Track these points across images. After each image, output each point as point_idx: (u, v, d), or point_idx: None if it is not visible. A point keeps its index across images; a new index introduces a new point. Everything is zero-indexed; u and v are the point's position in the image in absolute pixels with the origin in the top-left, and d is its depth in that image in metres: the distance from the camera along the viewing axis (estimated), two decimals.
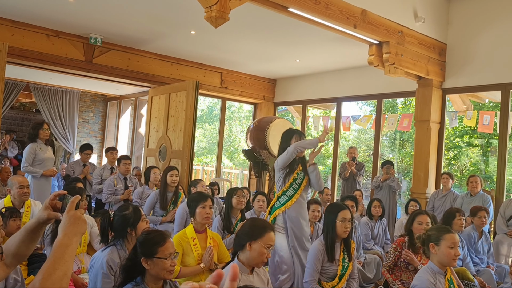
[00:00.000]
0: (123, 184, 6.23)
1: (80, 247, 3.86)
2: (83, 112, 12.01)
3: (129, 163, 6.31)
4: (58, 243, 1.31)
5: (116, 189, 6.13)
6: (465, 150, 13.90)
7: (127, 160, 6.31)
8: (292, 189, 4.07)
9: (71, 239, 1.34)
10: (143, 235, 2.37)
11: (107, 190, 6.08)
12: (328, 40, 6.79)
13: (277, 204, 4.11)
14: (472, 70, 6.64)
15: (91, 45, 7.64)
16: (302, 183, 4.10)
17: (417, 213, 4.19)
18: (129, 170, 6.35)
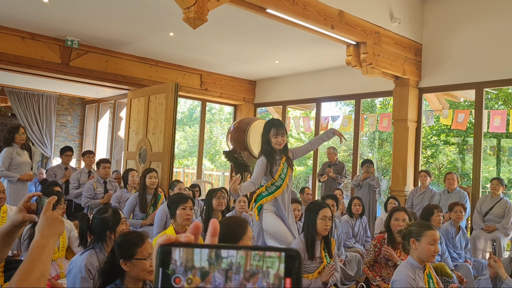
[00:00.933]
0: (103, 187, 6.15)
1: (59, 252, 3.80)
2: (61, 116, 11.83)
3: (108, 166, 6.24)
4: (35, 244, 1.30)
5: (96, 193, 6.04)
6: (442, 148, 14.14)
7: (106, 164, 6.23)
8: (280, 179, 4.07)
9: (48, 240, 1.33)
10: (120, 237, 2.35)
11: (86, 194, 5.99)
12: (307, 41, 6.85)
13: (264, 193, 4.09)
14: (447, 70, 6.77)
15: (67, 47, 7.54)
16: (287, 172, 4.11)
17: (394, 209, 4.26)
18: (109, 173, 6.27)
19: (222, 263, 0.51)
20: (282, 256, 0.51)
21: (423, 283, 2.78)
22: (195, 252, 0.52)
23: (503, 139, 13.24)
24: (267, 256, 0.51)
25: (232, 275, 0.51)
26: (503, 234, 5.86)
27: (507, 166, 13.60)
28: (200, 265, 0.52)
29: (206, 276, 0.51)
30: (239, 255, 0.51)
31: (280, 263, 0.50)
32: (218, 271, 0.51)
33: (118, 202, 5.57)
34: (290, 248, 0.52)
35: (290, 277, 0.50)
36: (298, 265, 0.51)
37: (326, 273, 3.45)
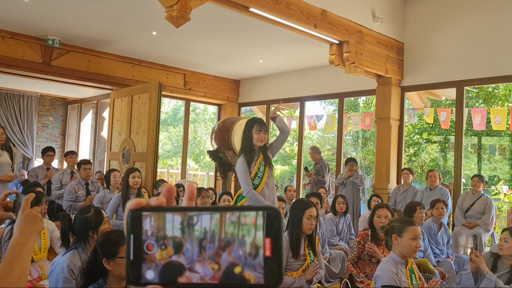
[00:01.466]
0: (85, 189, 6.06)
1: (40, 253, 3.76)
2: (42, 117, 11.68)
3: (89, 167, 6.15)
4: (14, 242, 1.28)
5: (78, 195, 5.94)
6: (424, 147, 14.31)
7: (87, 165, 6.14)
8: (258, 178, 4.05)
9: (27, 238, 1.31)
10: (102, 236, 2.33)
11: (68, 197, 5.88)
12: (290, 40, 6.87)
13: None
14: (429, 68, 6.85)
15: (49, 46, 7.44)
16: (265, 171, 4.07)
17: (377, 206, 4.31)
18: (90, 174, 6.17)
19: (195, 231, 0.49)
20: (258, 223, 0.49)
21: (405, 278, 2.81)
22: (167, 219, 0.49)
23: (483, 137, 13.46)
24: (242, 223, 0.49)
25: (207, 244, 0.49)
26: (484, 230, 5.96)
27: (488, 164, 13.83)
28: (172, 234, 0.49)
29: (179, 247, 0.49)
30: (213, 223, 0.49)
31: (256, 230, 0.48)
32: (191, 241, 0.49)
33: (101, 203, 5.51)
34: (270, 207, 0.50)
35: (270, 237, 0.49)
36: (278, 224, 0.49)
37: (310, 272, 3.47)
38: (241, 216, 0.49)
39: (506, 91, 12.78)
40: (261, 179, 4.05)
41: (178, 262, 0.49)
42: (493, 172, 13.52)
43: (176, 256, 0.49)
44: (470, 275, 3.46)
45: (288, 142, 17.24)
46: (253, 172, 4.03)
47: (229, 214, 0.49)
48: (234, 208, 0.50)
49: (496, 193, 10.87)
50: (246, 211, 0.49)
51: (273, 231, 0.49)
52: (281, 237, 0.49)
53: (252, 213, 0.49)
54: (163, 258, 0.49)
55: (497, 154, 13.96)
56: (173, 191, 0.54)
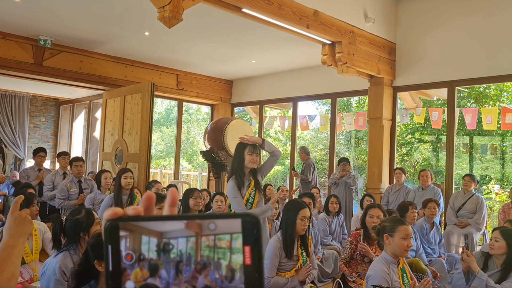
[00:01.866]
0: (77, 187, 6.03)
1: (32, 255, 3.74)
2: (34, 117, 11.61)
3: (81, 164, 6.10)
4: (4, 245, 1.28)
5: (70, 193, 5.92)
6: (417, 146, 14.38)
7: (78, 162, 6.10)
8: (249, 204, 3.97)
9: (17, 240, 1.31)
10: (93, 238, 2.32)
11: (60, 195, 5.87)
12: (282, 40, 6.88)
13: None
14: (420, 69, 6.89)
15: (40, 47, 7.41)
16: (255, 197, 4.02)
17: (369, 206, 4.32)
18: (82, 172, 6.12)
19: (171, 253, 0.49)
20: (232, 246, 0.48)
21: (397, 278, 2.83)
22: (142, 242, 0.49)
23: (475, 136, 13.55)
24: (218, 246, 0.48)
25: (183, 267, 0.48)
26: (475, 229, 6.00)
27: (480, 163, 13.92)
28: (148, 256, 0.48)
29: (155, 270, 0.48)
30: (189, 246, 0.49)
31: (231, 254, 0.48)
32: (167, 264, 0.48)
33: (92, 204, 5.49)
34: (247, 214, 0.50)
35: (249, 245, 0.48)
36: (257, 231, 0.49)
37: (303, 273, 3.48)
38: (216, 240, 0.49)
39: (497, 91, 12.88)
40: (251, 205, 4.01)
41: (154, 285, 0.48)
42: (484, 172, 13.61)
43: (152, 279, 0.48)
44: (462, 274, 3.48)
45: (281, 142, 17.26)
46: (244, 197, 3.96)
47: (205, 238, 0.49)
48: (211, 217, 0.49)
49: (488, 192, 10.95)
50: (223, 219, 0.49)
51: (252, 238, 0.48)
52: (260, 244, 0.48)
53: (227, 236, 0.49)
54: (138, 281, 0.48)
55: (489, 153, 14.06)
56: (152, 199, 0.53)
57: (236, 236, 0.49)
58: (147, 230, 0.49)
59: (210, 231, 0.49)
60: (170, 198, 0.55)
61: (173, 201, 0.55)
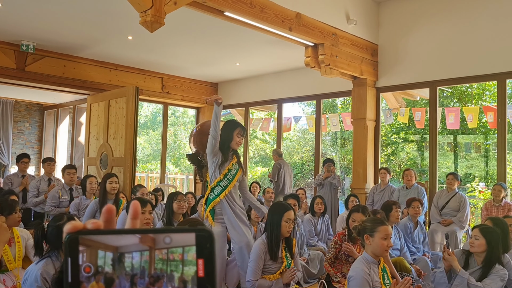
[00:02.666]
0: (68, 195, 5.99)
1: (15, 262, 3.71)
2: (18, 123, 11.49)
3: (73, 172, 6.07)
4: None
5: (61, 200, 5.87)
6: (402, 146, 14.52)
7: (71, 170, 6.07)
8: (227, 180, 4.03)
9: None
10: None
11: (51, 202, 5.81)
12: (266, 43, 6.91)
13: (211, 195, 4.04)
14: (403, 69, 6.97)
15: (23, 52, 7.35)
16: (236, 174, 4.08)
17: (353, 209, 4.36)
18: (74, 179, 6.09)
19: (126, 267, 0.50)
20: (184, 259, 0.50)
21: (378, 278, 2.86)
22: (98, 256, 0.50)
23: (459, 135, 13.72)
24: (170, 259, 0.50)
25: (138, 280, 0.50)
26: (459, 227, 6.08)
27: (464, 161, 14.09)
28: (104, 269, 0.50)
29: (111, 283, 0.50)
30: (143, 259, 0.50)
31: (183, 266, 0.50)
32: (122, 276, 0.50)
33: (78, 210, 5.45)
34: (201, 228, 0.51)
35: (202, 258, 0.50)
36: (210, 245, 0.51)
37: (288, 276, 3.50)
38: (169, 253, 0.50)
39: (479, 90, 13.06)
40: (230, 181, 4.05)
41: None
42: (469, 170, 13.78)
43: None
44: (444, 273, 3.52)
45: (269, 144, 17.30)
46: (223, 172, 4.03)
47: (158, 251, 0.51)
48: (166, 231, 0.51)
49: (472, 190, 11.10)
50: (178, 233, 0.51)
51: (206, 252, 0.50)
52: (213, 258, 0.50)
53: (179, 249, 0.51)
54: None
55: (473, 151, 14.24)
56: (113, 212, 0.55)
57: (188, 248, 0.51)
58: (103, 244, 0.51)
59: (165, 244, 0.51)
60: (132, 211, 0.56)
61: (134, 214, 0.56)
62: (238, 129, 4.02)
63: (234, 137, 4.01)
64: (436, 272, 3.68)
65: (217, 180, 4.02)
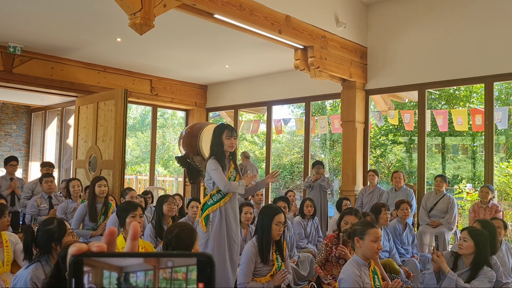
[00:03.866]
0: (48, 203, 5.93)
1: (3, 266, 3.67)
2: (5, 125, 11.37)
3: (51, 180, 6.02)
4: None
5: (40, 209, 5.81)
6: (390, 148, 14.61)
7: (49, 178, 6.01)
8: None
9: None
10: (64, 250, 2.30)
11: (30, 211, 5.74)
12: (255, 45, 6.92)
13: (209, 201, 4.00)
14: (391, 72, 7.03)
15: (10, 54, 7.27)
16: (235, 180, 4.04)
17: (346, 212, 4.37)
18: (53, 188, 6.03)
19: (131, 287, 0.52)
20: (188, 278, 0.52)
21: (368, 280, 2.88)
22: (104, 276, 0.52)
23: (447, 137, 13.85)
24: (174, 278, 0.52)
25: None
26: (447, 229, 6.14)
27: (452, 163, 14.22)
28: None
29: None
30: (147, 279, 0.52)
31: (187, 285, 0.52)
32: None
33: (65, 213, 5.41)
34: (202, 253, 0.54)
35: (203, 282, 0.52)
36: (210, 270, 0.53)
37: (278, 278, 3.51)
38: (173, 272, 0.52)
39: (467, 92, 13.20)
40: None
41: None
42: (457, 171, 13.92)
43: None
44: (433, 274, 3.56)
45: (258, 146, 17.31)
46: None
47: (162, 271, 0.52)
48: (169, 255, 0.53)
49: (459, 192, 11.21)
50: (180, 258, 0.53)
51: (205, 276, 0.52)
52: (213, 282, 0.52)
53: (183, 268, 0.53)
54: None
55: (460, 153, 14.38)
56: (114, 234, 0.57)
57: (191, 268, 0.53)
58: (108, 265, 0.53)
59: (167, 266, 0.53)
60: (132, 232, 0.59)
61: (134, 235, 0.59)
62: (225, 132, 3.96)
63: (224, 141, 3.96)
64: (425, 274, 3.71)
65: (216, 188, 3.97)
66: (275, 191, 15.24)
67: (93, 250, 0.54)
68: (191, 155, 7.86)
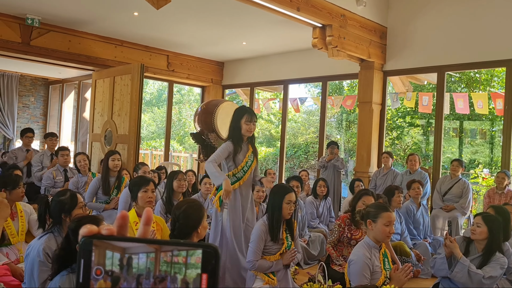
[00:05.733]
0: (63, 176, 6.02)
1: (18, 236, 3.75)
2: (23, 97, 11.49)
3: (67, 154, 6.10)
4: None
5: (56, 181, 5.91)
6: (407, 130, 14.44)
7: (65, 151, 6.09)
8: (242, 172, 4.00)
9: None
10: (74, 222, 2.32)
11: (45, 183, 5.84)
12: (273, 22, 6.82)
13: None
14: (411, 53, 6.88)
15: (28, 26, 7.29)
16: (251, 166, 4.04)
17: (363, 193, 4.32)
18: (68, 161, 6.12)
19: (133, 268, 0.53)
20: (188, 262, 0.53)
21: (378, 262, 2.87)
22: (107, 256, 0.54)
23: (465, 121, 13.62)
24: (174, 262, 0.53)
25: (143, 280, 0.53)
26: (460, 213, 6.08)
27: (469, 147, 14.02)
28: (111, 268, 0.53)
29: (117, 282, 0.53)
30: (149, 261, 0.53)
31: (186, 269, 0.53)
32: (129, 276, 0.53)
33: (77, 188, 5.48)
34: (208, 245, 0.54)
35: (207, 273, 0.53)
36: (215, 261, 0.53)
37: (288, 257, 3.51)
38: (174, 255, 0.53)
39: (487, 76, 12.91)
40: (245, 173, 4.02)
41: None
42: (474, 156, 13.72)
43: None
44: (444, 259, 3.52)
45: (273, 124, 17.26)
46: (240, 165, 3.98)
47: (163, 254, 0.53)
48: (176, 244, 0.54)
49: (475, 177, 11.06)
50: (185, 248, 0.54)
51: (210, 267, 0.53)
52: (217, 274, 0.53)
53: (183, 252, 0.53)
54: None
55: (478, 138, 14.16)
56: (126, 218, 0.59)
57: (191, 252, 0.54)
58: (111, 245, 0.54)
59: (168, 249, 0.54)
60: (145, 217, 0.60)
61: (147, 220, 0.60)
62: (245, 116, 3.91)
63: (242, 125, 3.93)
64: (436, 258, 3.68)
65: (233, 171, 3.98)
66: (289, 171, 15.24)
67: (103, 233, 0.55)
68: (206, 132, 7.87)
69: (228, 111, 7.52)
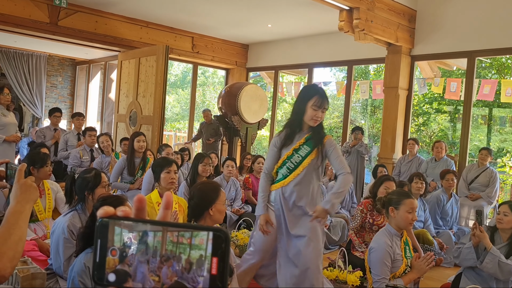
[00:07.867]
0: (89, 155, 6.12)
1: (45, 213, 3.84)
2: (51, 77, 11.69)
3: (94, 134, 6.18)
4: (11, 210, 1.35)
5: (82, 161, 6.02)
6: (434, 117, 14.17)
7: (92, 132, 6.18)
8: (286, 168, 3.03)
9: (24, 206, 1.38)
10: (99, 202, 2.36)
11: (72, 162, 5.95)
12: (299, 5, 6.73)
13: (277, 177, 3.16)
14: (440, 38, 6.70)
15: (56, 6, 7.36)
16: (304, 161, 2.99)
17: (385, 178, 4.27)
18: (95, 141, 6.22)
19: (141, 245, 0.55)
20: (192, 243, 0.54)
21: (399, 250, 2.84)
22: (115, 232, 0.55)
23: (494, 108, 13.28)
24: (179, 242, 0.54)
25: (150, 259, 0.54)
26: (486, 203, 5.96)
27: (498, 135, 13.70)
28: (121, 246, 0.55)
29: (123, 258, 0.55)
30: (156, 240, 0.55)
31: (191, 249, 0.54)
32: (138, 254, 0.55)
33: (101, 168, 5.57)
34: (217, 228, 0.54)
35: (217, 257, 0.54)
36: (225, 246, 0.54)
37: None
38: (179, 236, 0.55)
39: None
40: (291, 171, 3.01)
41: (123, 270, 0.55)
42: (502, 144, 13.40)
43: (121, 265, 0.55)
44: (472, 249, 3.45)
45: None
46: (282, 158, 3.05)
47: (170, 233, 0.55)
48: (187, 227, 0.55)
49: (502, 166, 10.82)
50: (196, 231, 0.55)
51: (220, 252, 0.54)
52: (227, 258, 0.54)
53: (186, 233, 0.54)
54: (110, 267, 0.55)
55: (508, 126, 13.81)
56: (144, 202, 0.60)
57: (196, 233, 0.54)
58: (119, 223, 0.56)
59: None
60: (165, 201, 0.61)
61: (167, 204, 0.61)
62: (314, 99, 2.91)
63: (307, 110, 2.94)
64: (463, 248, 3.62)
65: (276, 166, 3.09)
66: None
67: (119, 215, 0.57)
68: (229, 115, 7.88)
69: (251, 94, 7.51)
